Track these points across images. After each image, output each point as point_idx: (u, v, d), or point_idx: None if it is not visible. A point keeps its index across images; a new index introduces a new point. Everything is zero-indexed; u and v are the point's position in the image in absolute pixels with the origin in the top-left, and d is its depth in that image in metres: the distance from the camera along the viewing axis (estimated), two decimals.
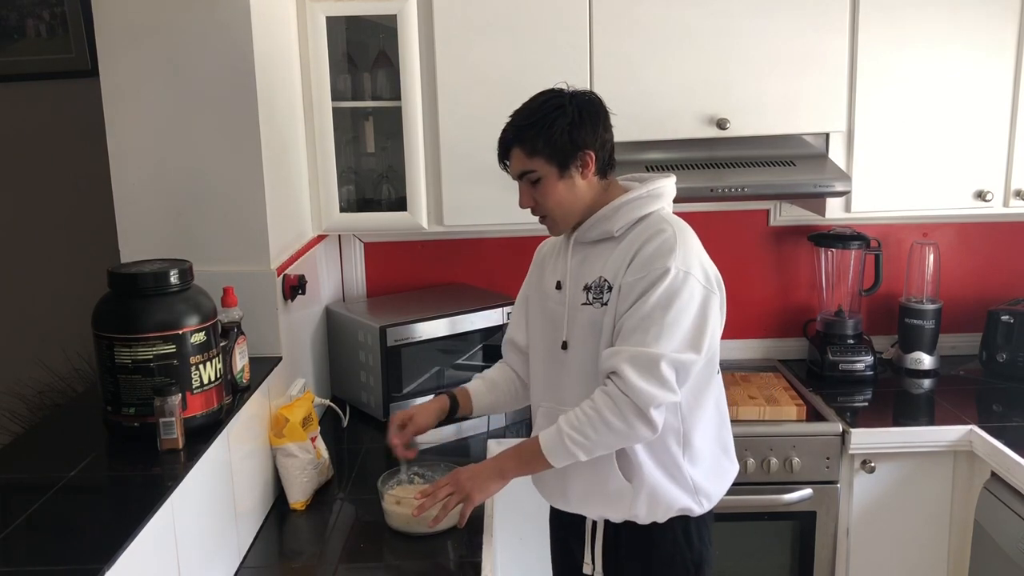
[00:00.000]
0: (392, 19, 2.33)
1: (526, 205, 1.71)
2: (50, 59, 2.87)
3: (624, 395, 1.52)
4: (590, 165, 1.64)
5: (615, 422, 1.53)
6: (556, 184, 1.65)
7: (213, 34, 1.86)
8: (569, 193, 1.65)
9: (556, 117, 1.62)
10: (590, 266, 1.67)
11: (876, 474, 2.31)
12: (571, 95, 1.65)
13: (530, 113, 1.66)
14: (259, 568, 1.71)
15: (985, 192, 2.45)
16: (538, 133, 1.62)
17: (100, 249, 2.19)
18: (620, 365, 1.53)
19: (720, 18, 2.35)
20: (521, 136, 1.65)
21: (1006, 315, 2.62)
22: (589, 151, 1.63)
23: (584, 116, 1.63)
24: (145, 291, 1.53)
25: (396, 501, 1.81)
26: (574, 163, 1.63)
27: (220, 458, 1.61)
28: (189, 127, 1.90)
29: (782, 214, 2.80)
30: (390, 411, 2.37)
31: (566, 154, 1.62)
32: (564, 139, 1.61)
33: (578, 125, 1.62)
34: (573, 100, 1.64)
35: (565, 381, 1.69)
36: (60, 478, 1.41)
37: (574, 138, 1.61)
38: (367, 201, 2.57)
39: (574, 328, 1.67)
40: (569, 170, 1.64)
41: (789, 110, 2.40)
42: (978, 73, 2.39)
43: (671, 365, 1.53)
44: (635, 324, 1.55)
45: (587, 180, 1.66)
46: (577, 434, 1.55)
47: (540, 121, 1.63)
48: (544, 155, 1.63)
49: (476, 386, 1.92)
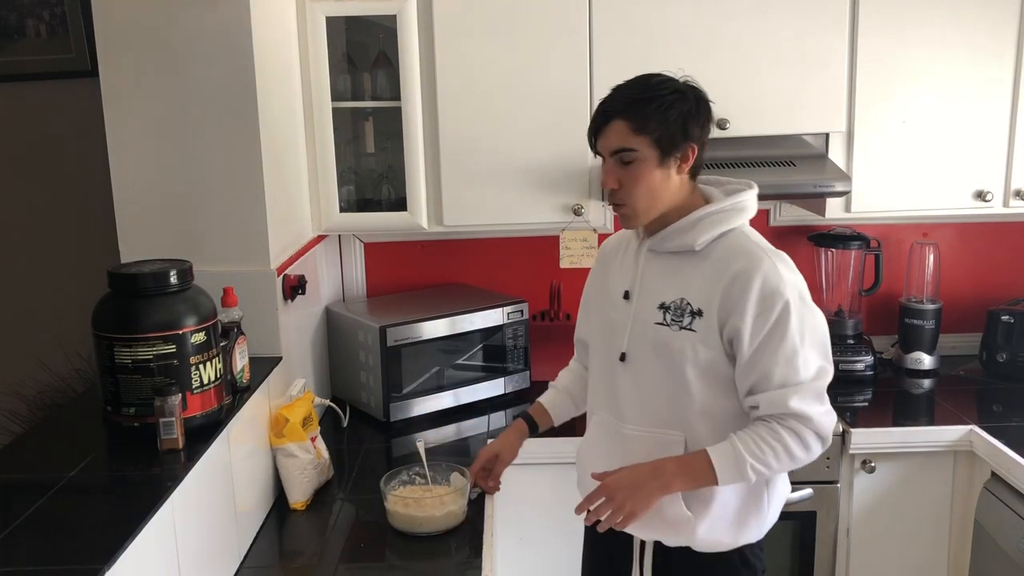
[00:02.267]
0: (392, 19, 2.33)
1: (611, 185, 1.58)
2: (50, 59, 2.87)
3: (808, 429, 1.52)
4: (690, 160, 1.56)
5: (799, 453, 1.53)
6: (653, 171, 1.54)
7: (213, 34, 1.86)
8: (661, 184, 1.55)
9: (675, 101, 1.52)
10: (668, 282, 1.59)
11: (876, 474, 2.31)
12: (685, 85, 1.56)
13: (646, 88, 1.55)
14: (259, 568, 1.71)
15: (985, 192, 2.45)
16: (653, 111, 1.51)
17: (100, 249, 2.19)
18: (797, 407, 1.51)
19: (720, 18, 2.35)
20: (633, 109, 1.53)
21: (1006, 315, 2.62)
22: (694, 144, 1.55)
23: (701, 108, 1.55)
24: (145, 291, 1.53)
25: (404, 504, 1.81)
26: (677, 153, 1.54)
27: (220, 458, 1.61)
28: (189, 127, 1.90)
29: (782, 214, 2.80)
30: (390, 411, 2.37)
31: (674, 142, 1.53)
32: (678, 125, 1.52)
33: (695, 116, 1.54)
34: (691, 90, 1.56)
35: (622, 394, 1.65)
36: (60, 478, 1.41)
37: (687, 128, 1.53)
38: (367, 201, 2.57)
39: (637, 342, 1.61)
40: (669, 160, 1.54)
41: (789, 110, 2.40)
42: (978, 73, 2.39)
43: (824, 386, 1.55)
44: (785, 365, 1.51)
45: (681, 177, 1.57)
46: (759, 463, 1.51)
47: (658, 100, 1.52)
48: (652, 136, 1.52)
49: (550, 398, 1.91)
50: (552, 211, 2.41)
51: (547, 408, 1.90)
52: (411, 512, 1.79)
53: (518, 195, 2.40)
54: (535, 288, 2.75)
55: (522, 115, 2.37)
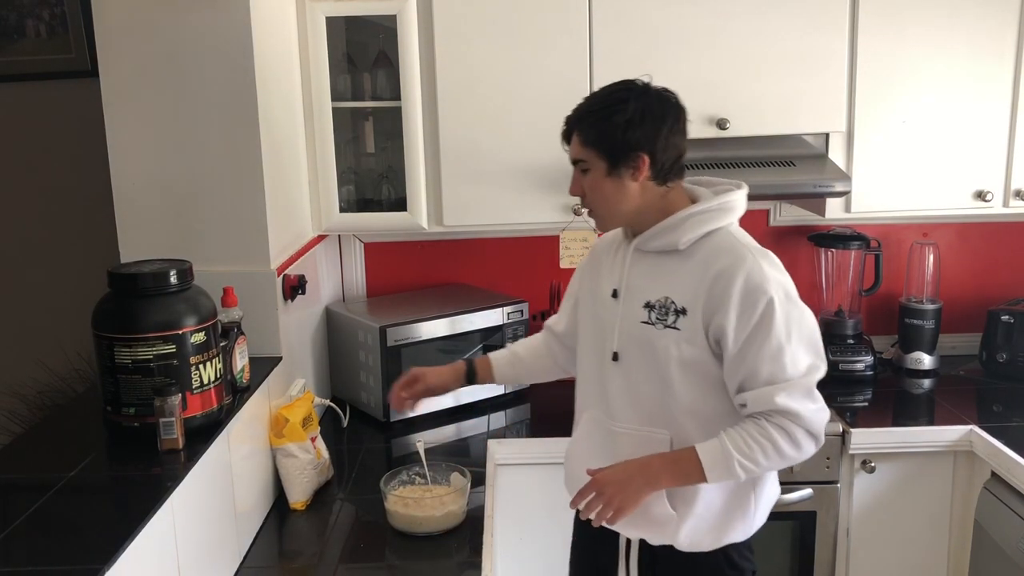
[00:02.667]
0: (392, 19, 2.33)
1: (575, 193, 1.64)
2: (50, 59, 2.87)
3: (797, 426, 1.50)
4: (643, 168, 1.55)
5: (788, 451, 1.51)
6: (603, 180, 1.57)
7: (213, 34, 1.86)
8: (616, 193, 1.57)
9: (615, 111, 1.54)
10: (654, 281, 1.59)
11: (876, 474, 2.31)
12: (641, 91, 1.56)
13: (595, 100, 1.59)
14: (259, 568, 1.71)
15: (985, 192, 2.45)
16: (594, 123, 1.56)
17: (100, 249, 2.19)
18: (785, 403, 1.49)
19: (720, 18, 2.35)
20: (581, 122, 1.58)
21: (1006, 315, 2.62)
22: (642, 154, 1.54)
23: (646, 116, 1.53)
24: (145, 291, 1.53)
25: (404, 504, 1.81)
26: (625, 163, 1.55)
27: (220, 458, 1.61)
28: (189, 127, 1.90)
29: (782, 214, 2.80)
30: (390, 412, 2.37)
31: (616, 152, 1.54)
32: (616, 136, 1.53)
33: (636, 125, 1.53)
34: (641, 97, 1.55)
35: (613, 392, 1.65)
36: (60, 478, 1.41)
37: (628, 137, 1.53)
38: (367, 201, 2.57)
39: (626, 341, 1.61)
40: (619, 169, 1.55)
41: (789, 110, 2.40)
42: (978, 73, 2.39)
43: (815, 381, 1.53)
44: (771, 362, 1.50)
45: (639, 183, 1.56)
46: (747, 460, 1.50)
47: (599, 111, 1.56)
48: (595, 147, 1.56)
49: (499, 356, 1.92)
50: (552, 211, 2.41)
51: (492, 363, 1.91)
52: (411, 512, 1.79)
53: (518, 195, 2.40)
54: (535, 288, 2.75)
55: (522, 115, 2.37)
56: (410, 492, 1.87)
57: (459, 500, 1.82)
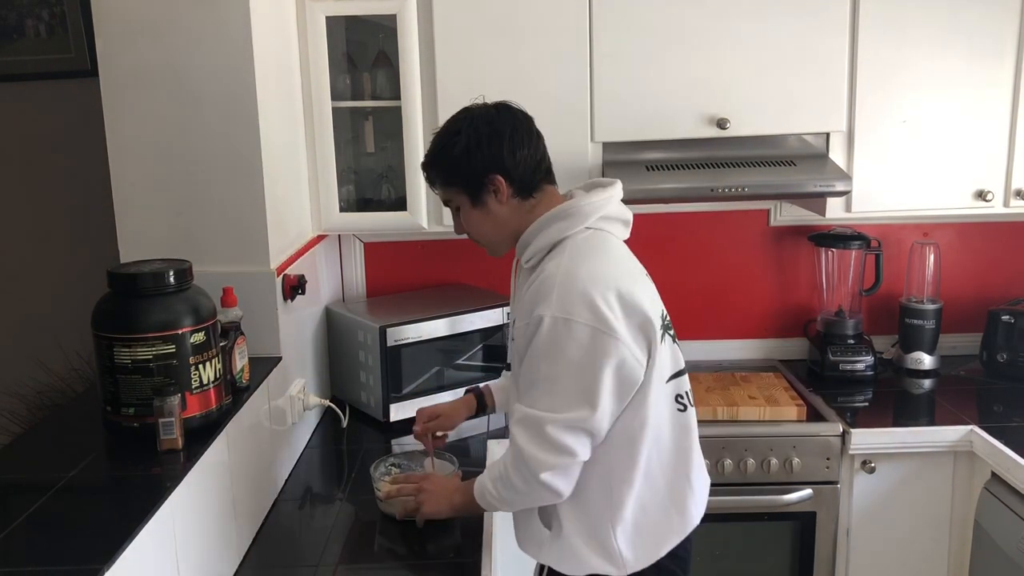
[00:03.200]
0: (392, 19, 2.33)
1: (458, 232, 1.66)
2: (50, 59, 2.87)
3: (520, 460, 1.46)
4: (503, 188, 1.52)
5: (519, 484, 1.49)
6: (471, 212, 1.57)
7: (213, 34, 1.86)
8: (486, 221, 1.57)
9: (451, 146, 1.53)
10: (517, 298, 1.61)
11: (876, 474, 2.31)
12: (472, 116, 1.54)
13: (435, 141, 1.59)
14: (259, 568, 1.71)
15: (985, 192, 2.45)
16: (439, 163, 1.57)
17: (100, 249, 2.19)
18: (513, 427, 1.48)
19: (720, 18, 2.34)
20: (432, 167, 1.60)
21: (1006, 315, 2.62)
22: (494, 175, 1.52)
23: (480, 139, 1.51)
24: (145, 291, 1.53)
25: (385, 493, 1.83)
26: (483, 189, 1.53)
27: (220, 458, 1.61)
28: (189, 127, 1.90)
29: (782, 214, 2.80)
30: (390, 411, 2.37)
31: (470, 182, 1.53)
32: (462, 167, 1.52)
33: (475, 149, 1.51)
34: (472, 122, 1.53)
35: None
36: (60, 478, 1.41)
37: (473, 165, 1.51)
38: (367, 201, 2.57)
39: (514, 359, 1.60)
40: (481, 197, 1.54)
41: (789, 110, 2.40)
42: (978, 73, 2.39)
43: (561, 427, 1.42)
44: (527, 381, 1.47)
45: (506, 204, 1.54)
46: (494, 488, 1.56)
47: (439, 151, 1.56)
48: (452, 184, 1.56)
49: (497, 383, 1.95)
50: None
51: (492, 390, 1.94)
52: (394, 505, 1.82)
53: None
54: None
55: None
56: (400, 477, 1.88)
57: None
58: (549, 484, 1.45)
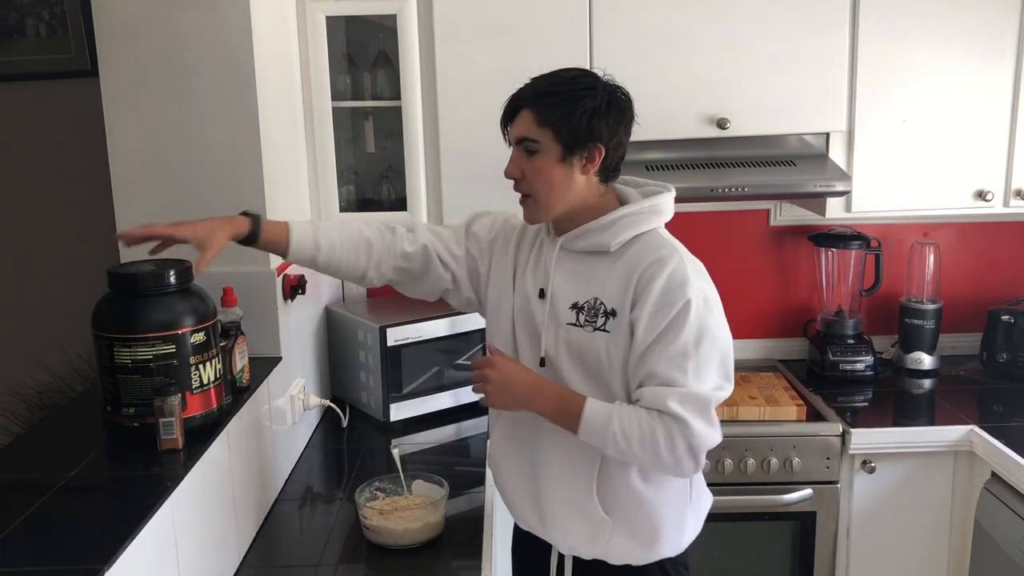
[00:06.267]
0: (392, 19, 2.33)
1: (513, 175, 1.55)
2: (50, 59, 2.86)
3: (682, 436, 1.43)
4: (596, 161, 1.50)
5: (666, 456, 1.45)
6: (554, 165, 1.49)
7: (213, 34, 1.86)
8: (563, 181, 1.51)
9: (584, 96, 1.47)
10: (581, 282, 1.54)
11: (876, 474, 2.31)
12: (605, 82, 1.52)
13: (558, 81, 1.51)
14: (259, 568, 1.71)
15: (985, 192, 2.45)
16: (558, 103, 1.47)
17: (100, 249, 2.19)
18: (675, 408, 1.43)
19: (720, 18, 2.35)
20: (539, 100, 1.50)
21: (1006, 315, 2.62)
22: (600, 145, 1.49)
23: (612, 108, 1.49)
24: (145, 291, 1.52)
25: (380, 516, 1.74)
26: (580, 151, 1.49)
27: (220, 458, 1.61)
28: (189, 127, 1.90)
29: (782, 214, 2.80)
30: (390, 411, 2.37)
31: (577, 138, 1.47)
32: (582, 122, 1.46)
33: (602, 114, 1.47)
34: (606, 87, 1.51)
35: None
36: (60, 478, 1.41)
37: (592, 126, 1.47)
38: (367, 201, 2.57)
39: (553, 343, 1.56)
40: (573, 157, 1.49)
41: (789, 110, 2.40)
42: (978, 72, 2.39)
43: (716, 403, 1.46)
44: (673, 365, 1.44)
45: (587, 176, 1.51)
46: (623, 440, 1.45)
47: (566, 93, 1.48)
48: (555, 129, 1.48)
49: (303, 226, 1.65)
50: None
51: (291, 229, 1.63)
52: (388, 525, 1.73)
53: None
54: None
55: None
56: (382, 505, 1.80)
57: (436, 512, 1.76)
58: (700, 460, 1.48)
